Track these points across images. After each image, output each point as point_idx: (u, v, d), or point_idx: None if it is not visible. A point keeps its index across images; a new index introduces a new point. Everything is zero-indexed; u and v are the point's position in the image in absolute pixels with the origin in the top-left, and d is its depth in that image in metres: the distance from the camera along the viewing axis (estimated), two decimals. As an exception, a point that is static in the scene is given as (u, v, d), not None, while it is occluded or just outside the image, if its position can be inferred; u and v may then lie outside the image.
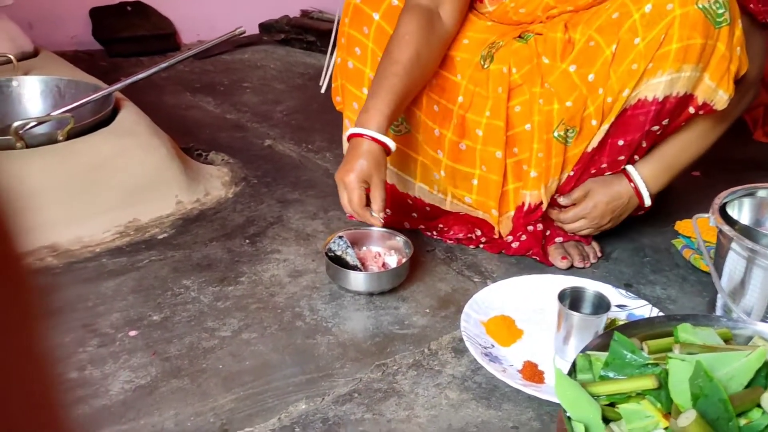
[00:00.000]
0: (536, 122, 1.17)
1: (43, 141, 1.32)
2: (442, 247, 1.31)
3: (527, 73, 1.18)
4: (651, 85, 1.10)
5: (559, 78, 1.16)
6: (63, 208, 1.26)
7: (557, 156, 1.18)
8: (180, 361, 0.99)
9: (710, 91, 1.10)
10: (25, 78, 1.55)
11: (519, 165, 1.22)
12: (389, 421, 0.89)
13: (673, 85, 1.09)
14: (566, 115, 1.15)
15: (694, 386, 0.58)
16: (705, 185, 1.27)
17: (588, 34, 1.13)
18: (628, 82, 1.10)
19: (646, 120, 1.13)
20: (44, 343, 0.21)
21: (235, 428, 0.87)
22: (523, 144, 1.20)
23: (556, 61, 1.17)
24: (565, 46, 1.16)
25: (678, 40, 1.06)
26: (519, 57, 1.18)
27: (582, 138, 1.17)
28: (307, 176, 1.60)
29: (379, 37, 1.22)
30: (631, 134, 1.16)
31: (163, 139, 1.43)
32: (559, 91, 1.16)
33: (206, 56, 2.51)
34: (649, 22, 1.07)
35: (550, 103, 1.16)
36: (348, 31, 1.25)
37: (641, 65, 1.09)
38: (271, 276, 1.20)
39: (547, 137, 1.17)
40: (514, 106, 1.20)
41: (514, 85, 1.19)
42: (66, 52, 2.31)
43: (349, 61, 1.27)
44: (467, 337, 1.01)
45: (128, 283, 1.16)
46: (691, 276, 1.25)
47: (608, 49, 1.11)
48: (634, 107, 1.13)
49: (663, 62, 1.08)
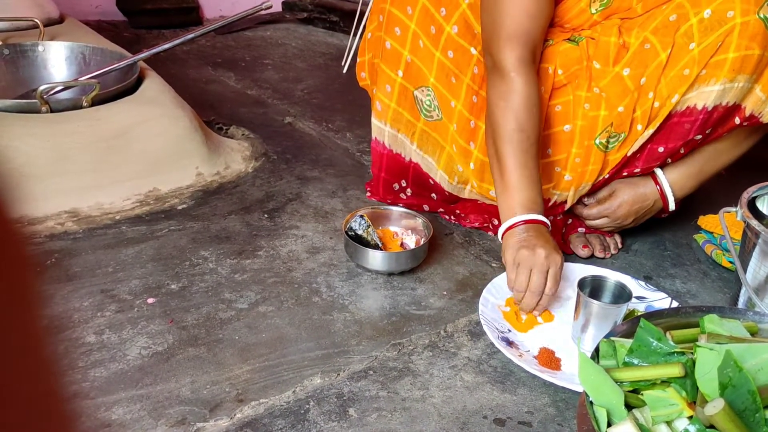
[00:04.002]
0: (579, 126, 1.15)
1: (68, 106, 1.32)
2: (460, 231, 1.31)
3: (573, 74, 1.15)
4: (703, 93, 1.07)
5: (611, 82, 1.12)
6: (85, 174, 1.26)
7: (595, 163, 1.16)
8: (197, 330, 0.99)
9: (760, 103, 1.08)
10: (51, 43, 1.55)
11: (551, 166, 1.20)
12: (404, 400, 0.89)
13: (725, 95, 1.06)
14: (616, 121, 1.12)
15: (723, 376, 0.57)
16: (728, 182, 1.25)
17: (643, 36, 1.10)
18: (678, 87, 1.07)
19: (692, 128, 1.10)
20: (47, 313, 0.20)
21: (250, 399, 0.87)
22: (558, 145, 1.18)
23: (608, 65, 1.13)
24: (619, 50, 1.13)
25: (736, 50, 1.02)
26: (567, 58, 1.15)
27: (626, 143, 1.14)
28: (326, 155, 1.60)
29: (423, 19, 1.18)
30: (674, 142, 1.13)
31: (186, 110, 1.43)
32: (610, 96, 1.12)
33: (228, 32, 2.50)
34: (707, 27, 1.04)
35: (597, 109, 1.13)
36: (389, 9, 1.21)
37: (693, 71, 1.06)
38: (288, 251, 1.20)
39: (588, 143, 1.15)
40: (555, 105, 1.17)
41: (558, 84, 1.16)
42: (89, 22, 2.31)
43: (387, 41, 1.23)
44: (484, 321, 1.01)
45: (147, 252, 1.16)
46: (712, 272, 1.24)
47: (663, 53, 1.07)
48: (681, 114, 1.10)
49: (718, 71, 1.04)
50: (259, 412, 0.85)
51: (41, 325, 0.20)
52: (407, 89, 1.24)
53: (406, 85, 1.24)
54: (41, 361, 0.21)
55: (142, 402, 0.85)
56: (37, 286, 0.20)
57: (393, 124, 1.28)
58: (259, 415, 0.85)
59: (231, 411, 0.85)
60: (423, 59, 1.20)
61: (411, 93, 1.24)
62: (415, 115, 1.26)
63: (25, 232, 0.22)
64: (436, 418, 0.86)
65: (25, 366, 0.20)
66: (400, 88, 1.24)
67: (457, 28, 1.17)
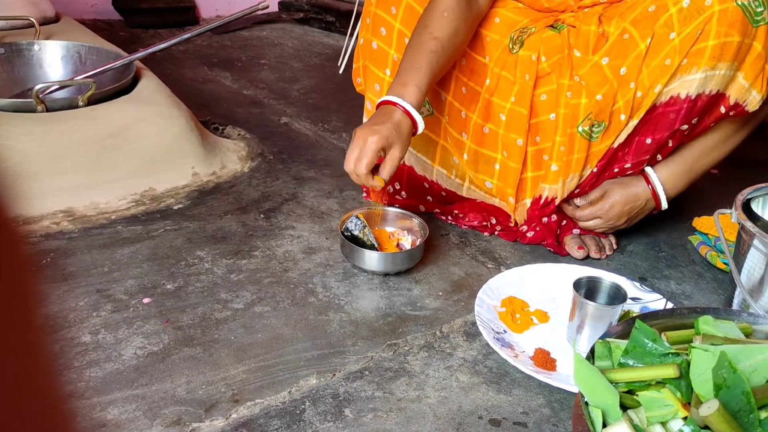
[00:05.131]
0: (561, 115, 1.16)
1: (64, 105, 1.32)
2: (456, 232, 1.31)
3: (556, 62, 1.16)
4: (685, 81, 1.08)
5: (590, 71, 1.14)
6: (80, 174, 1.26)
7: (580, 152, 1.17)
8: (193, 330, 0.99)
9: (743, 90, 1.08)
10: (47, 42, 1.55)
11: (540, 154, 1.21)
12: (399, 400, 0.89)
13: (707, 83, 1.07)
14: (595, 109, 1.13)
15: (717, 377, 0.57)
16: (722, 183, 1.26)
17: (622, 26, 1.11)
18: (660, 77, 1.08)
19: (677, 118, 1.11)
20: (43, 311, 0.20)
21: (246, 399, 0.87)
22: (546, 133, 1.19)
23: (588, 54, 1.15)
24: (599, 39, 1.14)
25: (715, 37, 1.03)
26: (550, 46, 1.17)
27: (609, 133, 1.15)
28: (322, 155, 1.60)
29: (407, 17, 1.20)
30: (660, 132, 1.14)
31: (182, 110, 1.43)
32: (589, 84, 1.14)
33: (224, 32, 2.50)
34: (686, 17, 1.05)
35: (578, 97, 1.14)
36: (374, 11, 1.23)
37: (675, 61, 1.06)
38: (284, 251, 1.20)
39: (570, 131, 1.16)
40: (540, 94, 1.18)
41: (542, 73, 1.17)
42: (85, 21, 2.30)
43: (373, 42, 1.24)
44: (480, 322, 1.01)
45: (143, 252, 1.16)
46: (706, 273, 1.24)
47: (642, 43, 1.08)
48: (665, 104, 1.11)
49: (698, 59, 1.05)
50: (254, 413, 0.85)
51: (40, 324, 0.20)
52: None
53: None
54: (40, 360, 0.21)
55: (138, 402, 0.85)
56: (36, 286, 0.20)
57: None
58: (254, 416, 0.85)
59: (226, 411, 0.85)
60: None
61: None
62: None
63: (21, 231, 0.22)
64: (431, 418, 0.86)
65: (24, 365, 0.20)
66: (389, 87, 1.24)
67: None
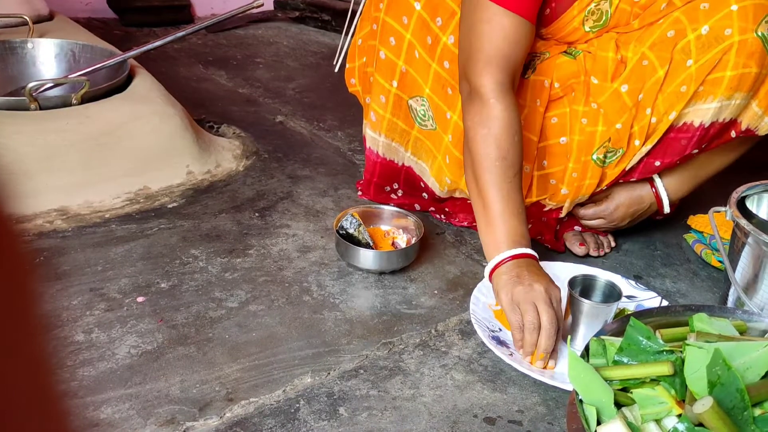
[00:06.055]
0: (576, 142, 1.14)
1: (57, 104, 1.31)
2: (451, 231, 1.31)
3: (569, 87, 1.14)
4: (700, 110, 1.07)
5: (610, 98, 1.12)
6: (74, 172, 1.25)
7: (593, 178, 1.16)
8: (187, 329, 0.98)
9: (756, 117, 1.08)
10: (41, 40, 1.54)
11: (546, 178, 1.20)
12: (394, 399, 0.89)
13: (721, 112, 1.07)
14: (614, 137, 1.12)
15: (712, 374, 0.57)
16: (717, 181, 1.26)
17: (641, 51, 1.09)
18: (675, 104, 1.07)
19: (688, 144, 1.11)
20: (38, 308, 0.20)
21: (240, 398, 0.87)
22: (553, 158, 1.17)
23: (606, 81, 1.12)
24: (617, 66, 1.12)
25: (733, 68, 1.02)
26: (564, 72, 1.14)
27: (624, 158, 1.14)
28: (317, 154, 1.59)
29: (419, 29, 1.15)
30: (670, 157, 1.13)
31: (177, 108, 1.42)
32: (608, 113, 1.12)
33: (220, 30, 2.49)
34: (705, 44, 1.03)
35: (595, 124, 1.13)
36: (383, 18, 1.18)
37: (690, 88, 1.05)
38: (279, 250, 1.20)
39: (585, 159, 1.14)
40: (551, 117, 1.16)
41: (554, 96, 1.15)
42: (79, 19, 2.29)
43: (381, 51, 1.20)
44: (475, 320, 1.01)
45: (137, 250, 1.16)
46: (701, 271, 1.24)
47: (662, 70, 1.07)
48: (677, 130, 1.10)
49: (715, 88, 1.04)
50: (249, 412, 0.85)
51: (36, 321, 0.20)
52: (402, 99, 1.22)
53: (401, 95, 1.22)
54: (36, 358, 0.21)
55: (131, 401, 0.85)
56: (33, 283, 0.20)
57: (388, 134, 1.27)
58: (249, 415, 0.84)
59: (221, 410, 0.85)
60: (418, 69, 1.18)
61: (405, 102, 1.23)
62: (410, 123, 1.25)
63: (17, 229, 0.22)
64: (426, 417, 0.86)
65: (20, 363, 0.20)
66: (395, 99, 1.22)
67: (454, 38, 1.13)
